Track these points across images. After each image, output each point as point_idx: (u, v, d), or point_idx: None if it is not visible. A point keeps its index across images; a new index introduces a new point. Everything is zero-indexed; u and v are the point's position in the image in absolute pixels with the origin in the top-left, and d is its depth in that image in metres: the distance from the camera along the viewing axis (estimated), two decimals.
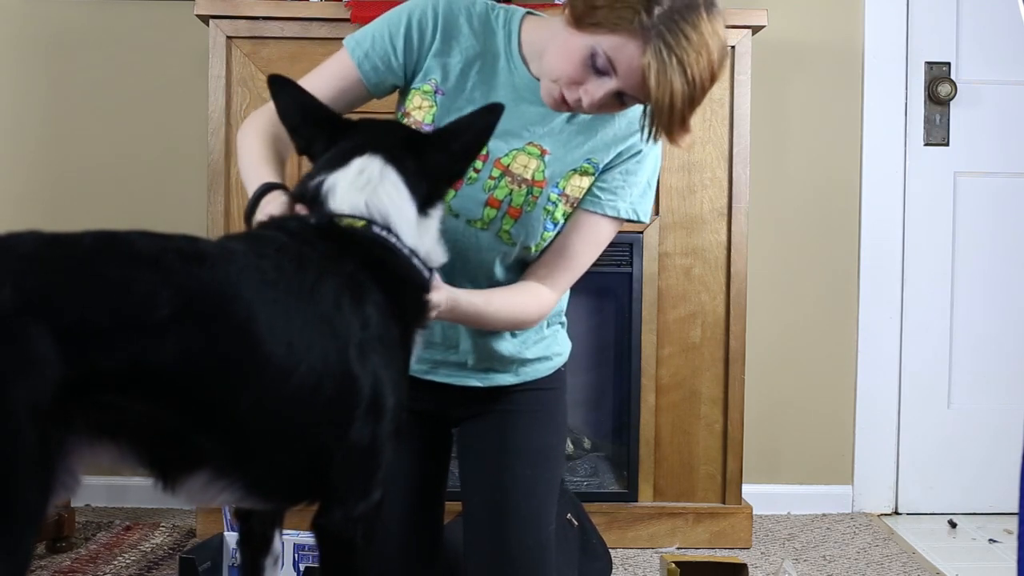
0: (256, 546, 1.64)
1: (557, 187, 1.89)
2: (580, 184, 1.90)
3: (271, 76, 1.70)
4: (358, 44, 1.91)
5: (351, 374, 1.41)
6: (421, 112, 1.88)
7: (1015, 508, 1.62)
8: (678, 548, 2.92)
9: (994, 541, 3.09)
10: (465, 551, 2.00)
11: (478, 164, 1.86)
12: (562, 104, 1.78)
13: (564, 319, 2.12)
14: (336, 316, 1.41)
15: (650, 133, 1.77)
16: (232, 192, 2.88)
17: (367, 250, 1.50)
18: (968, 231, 3.36)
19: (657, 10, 1.66)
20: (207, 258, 1.35)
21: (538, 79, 1.85)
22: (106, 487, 3.14)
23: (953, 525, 3.22)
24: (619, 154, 1.90)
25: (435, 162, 1.61)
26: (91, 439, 1.29)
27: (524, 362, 2.02)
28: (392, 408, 1.47)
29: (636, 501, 2.96)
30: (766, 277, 3.28)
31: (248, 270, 1.38)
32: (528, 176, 1.87)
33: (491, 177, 1.88)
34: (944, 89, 3.29)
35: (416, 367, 1.96)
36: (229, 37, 2.85)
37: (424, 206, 1.59)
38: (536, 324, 1.96)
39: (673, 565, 2.30)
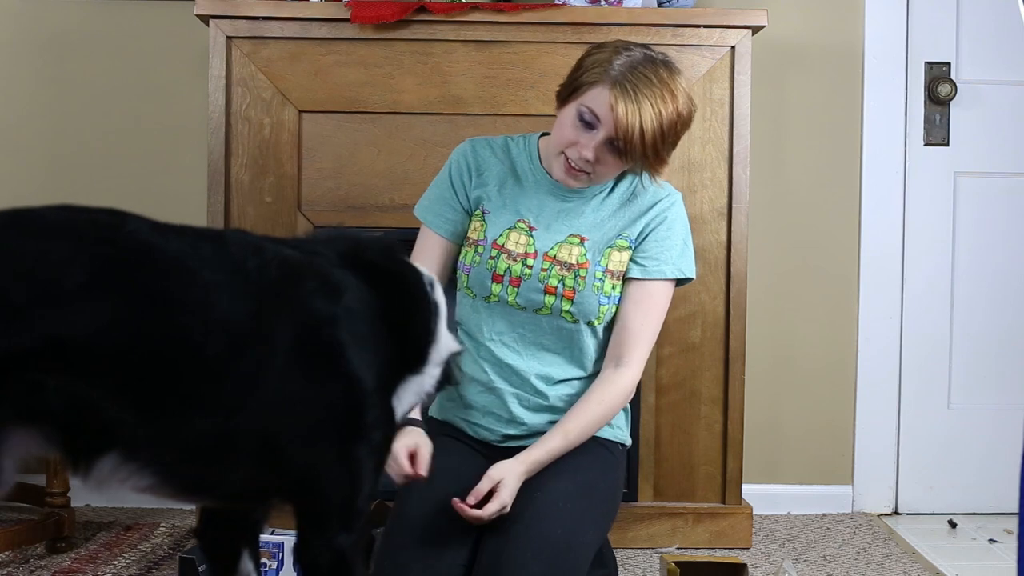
0: (221, 565, 1.59)
1: (600, 265, 2.16)
2: (620, 258, 2.17)
3: None
4: (427, 209, 2.25)
5: (306, 365, 1.36)
6: (476, 233, 2.20)
7: (1015, 508, 1.62)
8: (678, 548, 2.92)
9: (994, 541, 3.09)
10: (485, 536, 1.99)
11: (530, 261, 2.16)
12: (570, 170, 2.10)
13: (627, 407, 2.27)
14: (281, 298, 1.37)
15: (639, 169, 2.13)
16: (232, 192, 2.88)
17: (390, 270, 1.55)
18: (968, 231, 3.36)
19: (618, 62, 2.05)
20: (125, 225, 1.32)
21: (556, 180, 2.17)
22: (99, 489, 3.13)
23: (953, 525, 3.22)
24: (647, 224, 2.18)
25: None
26: (13, 428, 1.25)
27: None
28: (368, 419, 1.42)
29: (636, 501, 2.96)
30: (766, 277, 3.28)
31: (174, 241, 1.34)
32: (573, 261, 2.16)
33: (543, 269, 2.16)
34: (944, 89, 3.29)
35: (490, 437, 2.18)
36: (229, 37, 2.85)
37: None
38: (625, 402, 2.20)
39: (673, 565, 2.30)
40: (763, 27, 2.92)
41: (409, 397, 1.58)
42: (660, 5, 3.00)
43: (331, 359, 1.39)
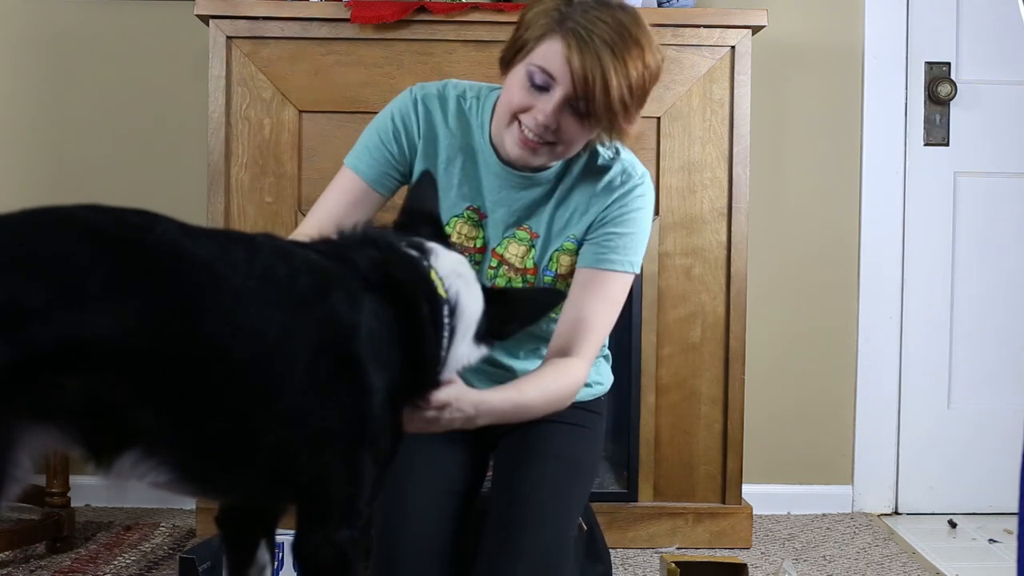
0: (239, 555, 1.59)
1: (550, 270, 1.96)
2: (571, 261, 1.97)
3: (424, 171, 1.80)
4: (357, 157, 1.98)
5: (323, 377, 1.37)
6: None
7: (1015, 508, 1.62)
8: (678, 548, 2.92)
9: (994, 541, 3.09)
10: (481, 542, 1.96)
11: (478, 257, 1.96)
12: (527, 143, 1.82)
13: (607, 352, 2.16)
14: (310, 311, 1.37)
15: (605, 137, 1.87)
16: (232, 192, 2.88)
17: (416, 285, 1.52)
18: (968, 231, 3.36)
19: (567, 9, 1.77)
20: (155, 227, 1.31)
21: (508, 163, 1.91)
22: (106, 487, 3.11)
23: (953, 525, 3.22)
24: (607, 209, 1.93)
25: (501, 314, 1.65)
26: (31, 424, 1.25)
27: None
28: (375, 429, 1.43)
29: (636, 501, 2.96)
30: (766, 277, 3.28)
31: (205, 245, 1.33)
32: (520, 265, 1.96)
33: (491, 267, 1.96)
34: (944, 89, 3.29)
35: None
36: (229, 37, 2.85)
37: (478, 337, 1.62)
38: (574, 395, 1.94)
39: (673, 565, 2.30)
40: (763, 27, 2.92)
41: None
42: (660, 5, 3.00)
43: (349, 371, 1.40)
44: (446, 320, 1.56)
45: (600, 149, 1.96)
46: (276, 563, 2.35)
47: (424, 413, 1.64)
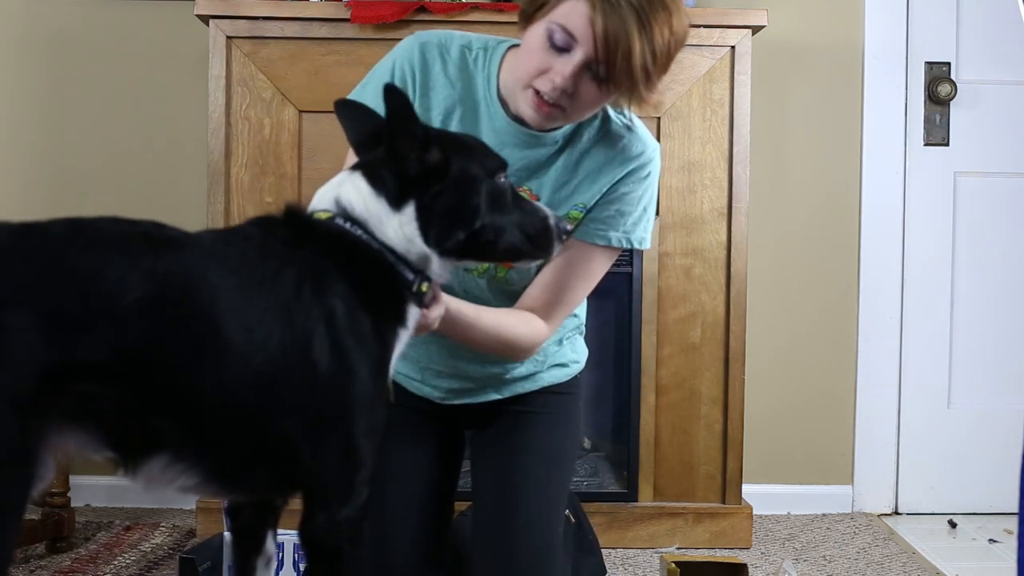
0: (248, 546, 1.63)
1: None
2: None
3: (336, 101, 1.63)
4: None
5: (312, 367, 1.41)
6: None
7: (1015, 508, 1.62)
8: (678, 548, 2.92)
9: (994, 541, 3.09)
10: (473, 549, 1.98)
11: None
12: (542, 105, 1.73)
13: (583, 328, 2.13)
14: (295, 306, 1.41)
15: (623, 101, 1.77)
16: (232, 192, 2.88)
17: (330, 241, 1.49)
18: (968, 231, 3.36)
19: None
20: (173, 243, 1.37)
21: (516, 119, 1.82)
22: (106, 487, 3.14)
23: (953, 525, 3.22)
24: (609, 191, 1.86)
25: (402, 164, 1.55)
26: (60, 427, 1.30)
27: (541, 372, 2.05)
28: (366, 405, 1.46)
29: (636, 501, 2.96)
30: (766, 277, 3.28)
31: (213, 256, 1.39)
32: None
33: None
34: (944, 89, 3.29)
35: (433, 394, 2.01)
36: (229, 37, 2.85)
37: (396, 202, 1.51)
38: (527, 356, 1.90)
39: (673, 565, 2.30)
40: (763, 27, 2.92)
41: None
42: None
43: (335, 356, 1.44)
44: (349, 227, 1.51)
45: (612, 114, 1.87)
46: (276, 563, 2.36)
47: (425, 321, 1.59)
